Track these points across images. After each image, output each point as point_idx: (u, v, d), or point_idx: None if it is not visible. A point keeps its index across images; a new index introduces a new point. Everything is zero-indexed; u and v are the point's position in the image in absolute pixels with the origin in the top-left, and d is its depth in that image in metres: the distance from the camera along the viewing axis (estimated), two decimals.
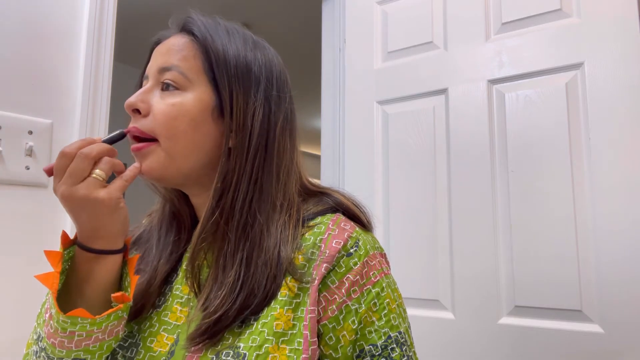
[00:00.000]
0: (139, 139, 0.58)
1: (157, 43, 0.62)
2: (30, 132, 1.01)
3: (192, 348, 0.53)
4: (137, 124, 0.58)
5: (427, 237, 1.25)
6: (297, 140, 0.64)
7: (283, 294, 0.55)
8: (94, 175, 0.52)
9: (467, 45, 1.26)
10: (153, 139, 0.57)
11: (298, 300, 0.55)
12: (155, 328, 0.58)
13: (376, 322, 0.56)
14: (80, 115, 1.08)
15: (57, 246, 1.02)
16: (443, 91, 1.29)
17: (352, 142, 1.44)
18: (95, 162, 0.52)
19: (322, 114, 1.59)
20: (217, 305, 0.53)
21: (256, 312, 0.54)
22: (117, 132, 0.57)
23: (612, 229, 1.02)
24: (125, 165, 0.55)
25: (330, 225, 0.59)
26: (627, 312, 0.99)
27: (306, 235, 0.59)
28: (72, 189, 0.51)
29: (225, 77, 0.57)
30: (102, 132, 1.12)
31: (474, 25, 1.26)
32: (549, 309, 1.07)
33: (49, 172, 0.53)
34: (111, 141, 0.56)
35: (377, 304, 0.57)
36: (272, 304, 0.54)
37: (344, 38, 1.52)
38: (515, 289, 1.12)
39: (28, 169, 1.00)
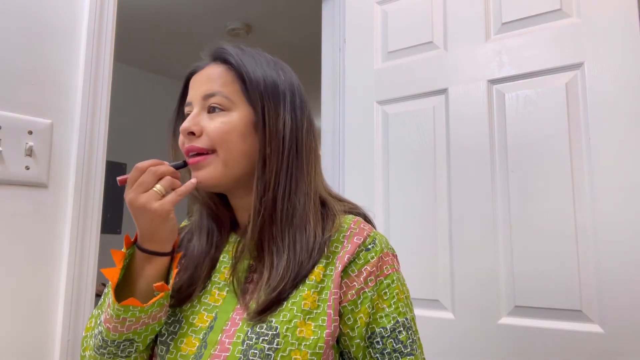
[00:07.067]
0: (196, 155, 0.69)
1: (193, 73, 0.73)
2: (30, 132, 1.01)
3: (257, 318, 0.63)
4: (193, 143, 0.68)
5: (427, 237, 1.25)
6: (319, 143, 0.74)
7: (310, 279, 0.65)
8: (154, 189, 0.63)
9: (467, 45, 1.26)
10: (210, 152, 0.68)
11: (322, 285, 0.65)
12: (197, 308, 0.69)
13: (386, 309, 0.67)
14: (80, 115, 1.08)
15: (54, 246, 1.03)
16: (443, 91, 1.29)
17: (352, 142, 1.44)
18: (160, 179, 0.63)
19: (322, 114, 1.58)
20: (276, 285, 0.64)
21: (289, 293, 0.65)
22: (181, 161, 0.69)
23: (612, 229, 1.02)
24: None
25: (352, 225, 0.71)
26: (627, 312, 0.99)
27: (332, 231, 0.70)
28: (136, 197, 0.62)
29: (258, 96, 0.68)
30: (102, 132, 1.12)
31: (474, 25, 1.26)
32: (549, 309, 1.07)
33: (122, 181, 0.64)
34: (175, 167, 0.66)
35: (387, 293, 0.67)
36: (300, 287, 0.65)
37: (344, 38, 1.52)
38: (515, 289, 1.12)
39: (28, 169, 1.00)
